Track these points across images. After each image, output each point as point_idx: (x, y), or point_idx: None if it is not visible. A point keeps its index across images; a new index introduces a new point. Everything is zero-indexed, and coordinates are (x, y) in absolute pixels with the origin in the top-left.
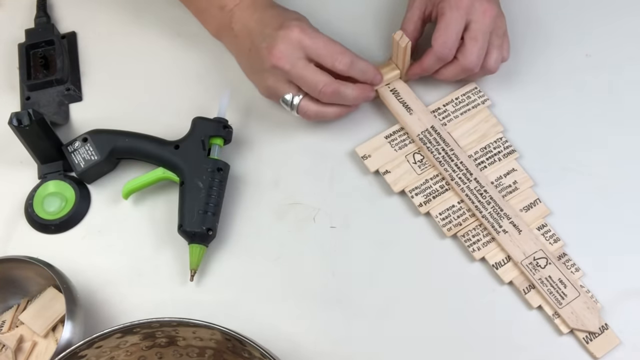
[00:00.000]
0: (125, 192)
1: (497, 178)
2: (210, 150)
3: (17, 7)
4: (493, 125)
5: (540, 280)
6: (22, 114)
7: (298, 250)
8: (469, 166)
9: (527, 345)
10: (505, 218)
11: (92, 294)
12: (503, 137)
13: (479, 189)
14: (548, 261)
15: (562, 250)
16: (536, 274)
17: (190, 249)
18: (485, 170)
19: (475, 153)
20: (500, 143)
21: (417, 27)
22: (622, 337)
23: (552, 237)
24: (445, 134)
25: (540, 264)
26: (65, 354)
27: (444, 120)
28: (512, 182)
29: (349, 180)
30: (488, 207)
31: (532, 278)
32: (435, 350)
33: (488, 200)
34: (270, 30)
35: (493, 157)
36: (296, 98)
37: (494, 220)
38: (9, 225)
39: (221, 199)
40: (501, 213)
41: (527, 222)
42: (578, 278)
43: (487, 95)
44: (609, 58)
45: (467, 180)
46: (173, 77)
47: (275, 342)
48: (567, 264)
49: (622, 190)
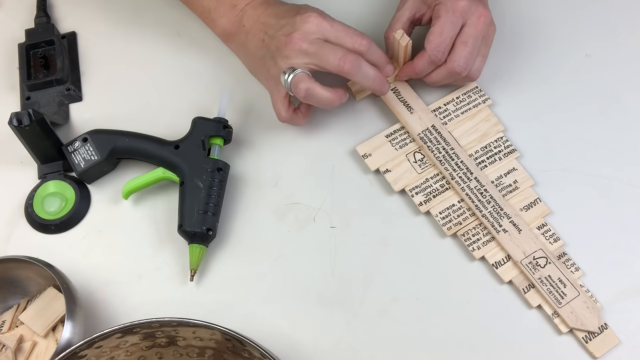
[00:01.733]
0: (125, 192)
1: (497, 177)
2: (210, 150)
3: (17, 7)
4: (494, 125)
5: (540, 279)
6: (22, 114)
7: (298, 250)
8: (470, 165)
9: (526, 345)
10: (505, 217)
11: (92, 294)
12: (504, 137)
13: (479, 188)
14: (548, 260)
15: (562, 249)
16: (536, 274)
17: (190, 249)
18: (485, 169)
19: (475, 152)
20: (501, 142)
21: (405, 28)
22: (621, 337)
23: (552, 236)
24: (445, 133)
25: (540, 263)
26: (65, 354)
27: (444, 119)
28: (513, 182)
29: (349, 179)
30: (488, 207)
31: (531, 277)
32: (435, 350)
33: (488, 200)
34: (288, 19)
35: (493, 156)
36: (291, 75)
37: (494, 220)
38: (9, 225)
39: (221, 199)
40: (501, 212)
41: (527, 222)
42: (578, 277)
43: (487, 95)
44: (609, 58)
45: (468, 179)
46: (173, 77)
47: (275, 342)
48: (567, 263)
49: (622, 190)
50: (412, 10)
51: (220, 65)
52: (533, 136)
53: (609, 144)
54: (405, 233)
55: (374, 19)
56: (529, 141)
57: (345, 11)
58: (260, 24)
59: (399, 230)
